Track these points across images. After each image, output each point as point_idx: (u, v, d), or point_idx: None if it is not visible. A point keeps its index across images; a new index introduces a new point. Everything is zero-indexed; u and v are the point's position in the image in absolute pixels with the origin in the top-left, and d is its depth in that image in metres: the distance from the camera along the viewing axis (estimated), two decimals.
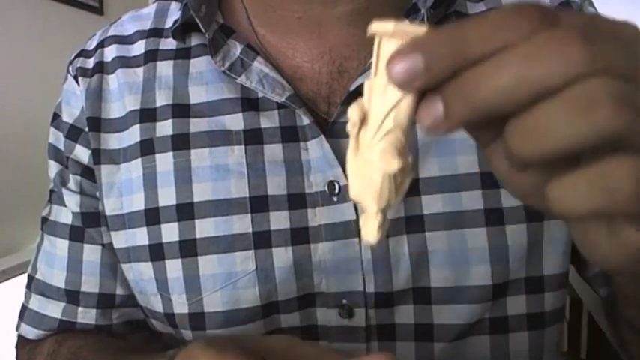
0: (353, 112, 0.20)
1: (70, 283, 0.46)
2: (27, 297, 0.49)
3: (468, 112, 0.17)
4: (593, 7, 0.46)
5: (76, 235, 0.46)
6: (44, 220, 0.49)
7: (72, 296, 0.46)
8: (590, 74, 0.16)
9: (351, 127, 0.20)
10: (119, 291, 0.46)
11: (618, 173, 0.17)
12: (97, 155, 0.44)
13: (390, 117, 0.19)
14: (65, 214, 0.47)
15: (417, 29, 0.19)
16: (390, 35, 0.19)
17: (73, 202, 0.46)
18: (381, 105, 0.20)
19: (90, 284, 0.46)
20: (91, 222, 0.45)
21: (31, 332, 0.48)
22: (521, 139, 0.17)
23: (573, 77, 0.16)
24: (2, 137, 1.37)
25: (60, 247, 0.47)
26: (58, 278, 0.47)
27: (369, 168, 0.20)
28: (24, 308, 0.49)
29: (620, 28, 0.18)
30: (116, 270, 0.46)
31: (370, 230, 0.21)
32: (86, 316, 0.46)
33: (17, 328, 0.49)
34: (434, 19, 0.41)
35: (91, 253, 0.46)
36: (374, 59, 0.20)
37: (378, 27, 0.19)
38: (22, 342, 0.50)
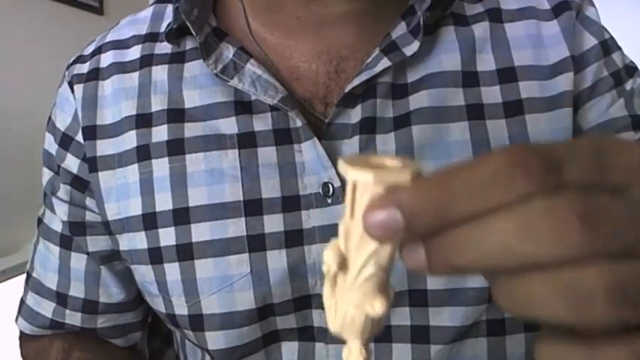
0: (329, 257, 0.19)
1: (61, 286, 0.48)
2: (25, 292, 0.51)
3: (450, 270, 0.17)
4: (593, 5, 0.45)
5: (64, 242, 0.48)
6: (39, 221, 0.50)
7: (61, 298, 0.48)
8: (587, 257, 0.15)
9: (326, 271, 0.19)
10: (102, 299, 0.48)
11: None
12: (94, 163, 0.44)
13: (371, 262, 0.18)
14: (56, 221, 0.48)
15: (399, 176, 0.17)
16: (367, 185, 0.17)
17: (61, 211, 0.47)
18: (360, 251, 0.18)
19: (77, 289, 0.48)
20: (78, 231, 0.47)
21: (27, 327, 0.50)
22: (508, 302, 0.17)
23: (567, 259, 0.15)
24: (2, 137, 1.37)
25: (52, 251, 0.48)
26: (50, 280, 0.48)
27: (350, 307, 0.19)
28: (22, 302, 0.51)
29: (634, 166, 0.16)
30: (99, 279, 0.48)
31: None
32: (72, 318, 0.48)
33: (16, 321, 0.52)
34: (430, 21, 0.41)
35: (77, 261, 0.48)
36: (348, 199, 0.18)
37: (354, 175, 0.18)
38: (22, 337, 0.52)
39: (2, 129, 1.37)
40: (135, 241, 0.43)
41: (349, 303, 0.19)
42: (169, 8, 0.48)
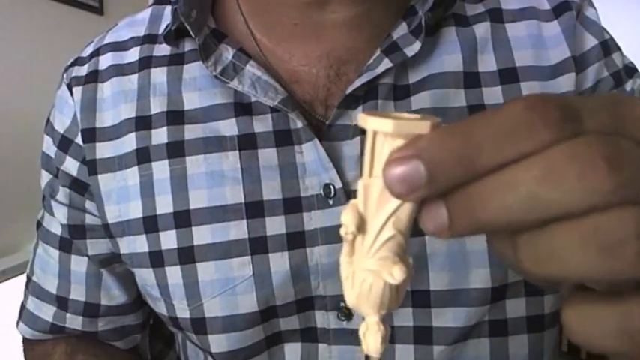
0: (347, 218, 0.18)
1: (61, 290, 0.48)
2: (25, 296, 0.51)
3: (474, 227, 0.16)
4: (593, 6, 0.45)
5: (64, 245, 0.48)
6: (39, 224, 0.50)
7: (61, 302, 0.48)
8: (615, 204, 0.15)
9: (344, 234, 0.19)
10: (103, 301, 0.48)
11: None
12: (94, 166, 0.44)
13: (390, 223, 0.18)
14: (55, 224, 0.48)
15: (418, 127, 0.16)
16: (387, 134, 0.17)
17: (61, 214, 0.47)
18: (379, 210, 0.18)
19: (77, 292, 0.48)
20: (77, 234, 0.46)
21: (28, 332, 0.50)
22: (532, 260, 0.16)
23: (595, 206, 0.15)
24: (2, 137, 1.37)
25: (52, 255, 0.48)
26: (50, 284, 0.48)
27: (368, 276, 0.19)
28: (22, 307, 0.51)
29: None
30: (100, 281, 0.48)
31: (372, 343, 0.19)
32: (74, 322, 0.48)
33: (17, 325, 0.52)
34: (431, 22, 0.40)
35: (78, 264, 0.48)
36: (367, 156, 0.18)
37: (373, 124, 0.17)
38: (25, 341, 0.52)
39: (2, 129, 1.37)
40: (135, 244, 0.43)
41: (367, 270, 0.18)
42: (167, 10, 0.48)
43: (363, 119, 0.17)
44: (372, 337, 0.19)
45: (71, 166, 0.45)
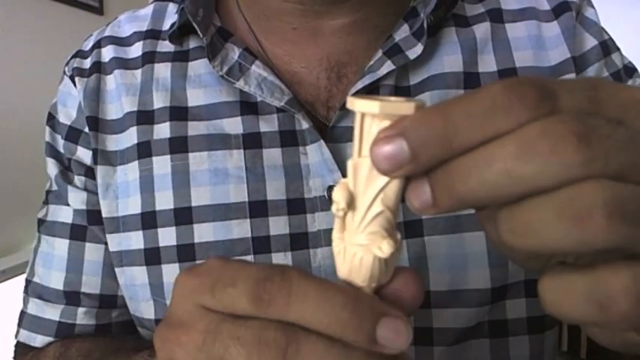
0: (338, 195, 0.19)
1: (69, 285, 0.45)
2: (25, 302, 0.48)
3: (456, 202, 0.17)
4: (592, 6, 0.46)
5: (77, 233, 0.45)
6: (41, 221, 0.48)
7: (71, 298, 0.45)
8: (586, 177, 0.15)
9: (335, 211, 0.20)
10: (120, 292, 0.45)
11: (614, 287, 0.16)
12: (96, 155, 0.44)
13: (378, 200, 0.19)
14: (65, 212, 0.46)
15: (403, 108, 0.17)
16: (374, 115, 0.18)
17: (78, 199, 0.45)
18: (368, 187, 0.19)
19: (91, 285, 0.45)
20: (96, 219, 0.45)
21: (30, 338, 0.47)
22: (511, 233, 0.17)
23: (567, 179, 0.15)
24: (2, 137, 1.37)
25: (59, 247, 0.46)
26: (56, 280, 0.46)
27: (358, 251, 0.20)
28: (22, 314, 0.48)
29: (629, 102, 0.17)
30: None
31: None
32: (85, 317, 0.46)
33: (16, 335, 0.48)
34: (432, 23, 0.40)
35: (94, 252, 0.45)
36: (356, 137, 0.19)
37: (361, 106, 0.18)
38: (21, 350, 0.48)
39: (2, 129, 1.37)
40: (130, 240, 0.42)
41: (357, 245, 0.20)
42: (170, 7, 0.48)
43: (351, 102, 0.18)
44: None
45: (84, 155, 0.45)
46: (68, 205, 0.46)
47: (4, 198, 1.36)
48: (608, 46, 0.44)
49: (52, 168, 0.47)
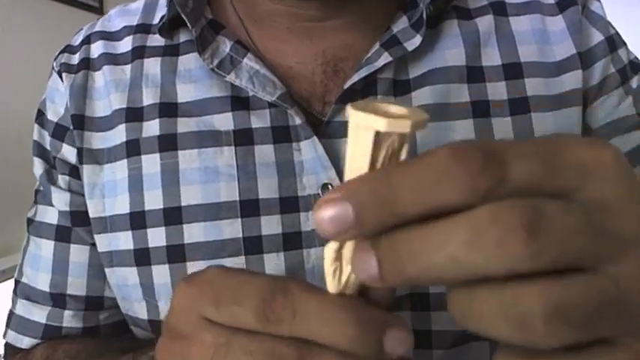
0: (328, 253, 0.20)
1: (55, 287, 0.44)
2: (13, 302, 0.47)
3: (403, 281, 0.17)
4: (598, 0, 0.44)
5: (61, 235, 0.44)
6: (30, 221, 0.47)
7: (57, 300, 0.44)
8: (533, 270, 0.15)
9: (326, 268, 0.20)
10: (108, 293, 0.44)
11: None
12: (81, 154, 0.43)
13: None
14: (51, 213, 0.45)
15: (401, 125, 0.17)
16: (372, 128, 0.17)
17: (62, 200, 0.44)
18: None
19: (76, 287, 0.44)
20: (80, 221, 0.44)
21: (17, 339, 0.46)
22: (459, 314, 0.17)
23: (514, 271, 0.15)
24: (2, 137, 1.36)
25: (45, 248, 0.45)
26: (43, 281, 0.45)
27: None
28: (10, 314, 0.47)
29: (591, 165, 0.16)
30: (104, 272, 0.44)
31: None
32: (72, 319, 0.45)
33: (4, 336, 0.47)
34: (432, 14, 0.39)
35: (78, 254, 0.44)
36: (353, 148, 0.18)
37: (360, 118, 0.17)
38: (10, 351, 0.47)
39: (2, 129, 1.37)
40: (119, 241, 0.41)
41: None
42: (162, 0, 0.47)
43: (351, 112, 0.18)
44: None
45: (68, 153, 0.44)
46: (53, 205, 0.45)
47: (3, 198, 1.36)
48: (614, 41, 0.43)
49: (37, 167, 0.46)
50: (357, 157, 0.18)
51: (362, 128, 0.17)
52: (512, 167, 0.15)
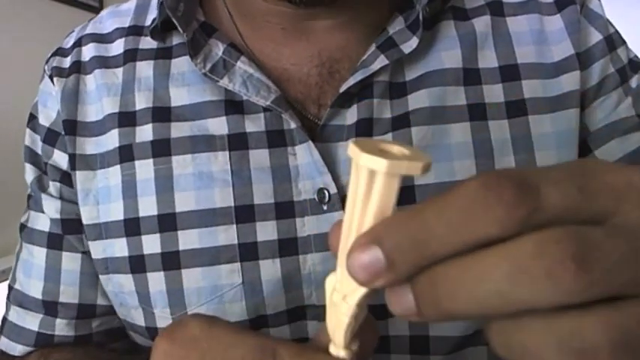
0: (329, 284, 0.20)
1: (48, 294, 0.44)
2: (7, 309, 0.47)
3: (442, 316, 0.16)
4: None
5: (53, 242, 0.44)
6: (22, 227, 0.47)
7: (49, 308, 0.44)
8: (584, 302, 0.14)
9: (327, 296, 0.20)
10: (100, 301, 0.44)
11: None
12: (73, 160, 0.42)
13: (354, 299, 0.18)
14: (43, 220, 0.45)
15: (411, 168, 0.16)
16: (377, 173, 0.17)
17: (52, 208, 0.44)
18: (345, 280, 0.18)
19: (68, 295, 0.44)
20: (72, 229, 0.43)
21: (10, 346, 0.45)
22: (505, 348, 0.16)
23: (564, 304, 0.14)
24: (2, 137, 1.36)
25: (37, 255, 0.44)
26: (35, 289, 0.44)
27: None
28: (4, 321, 0.47)
29: (625, 190, 0.15)
30: (97, 279, 0.43)
31: None
32: (64, 328, 0.44)
33: None
34: (429, 15, 0.39)
35: (70, 262, 0.44)
36: (356, 190, 0.17)
37: (368, 161, 0.16)
38: (3, 358, 0.47)
39: (2, 129, 1.37)
40: (114, 248, 0.40)
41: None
42: (154, 0, 0.46)
43: (355, 153, 0.17)
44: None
45: (60, 159, 0.43)
46: (44, 212, 0.44)
47: (3, 198, 1.36)
48: (613, 40, 0.42)
49: (29, 174, 0.46)
50: (372, 202, 0.17)
51: (382, 175, 0.16)
52: (547, 195, 0.15)
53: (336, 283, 0.19)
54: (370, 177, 0.17)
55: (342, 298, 0.19)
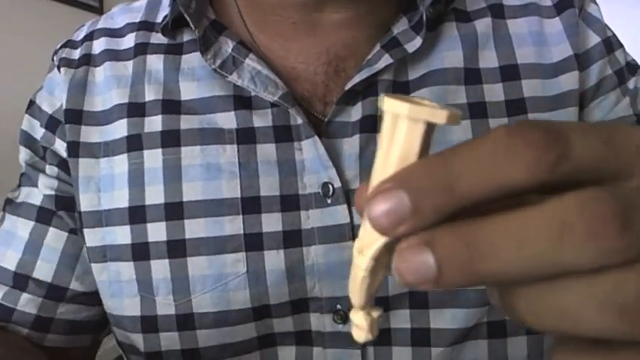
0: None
1: (22, 267, 0.43)
2: None
3: (469, 279, 0.15)
4: (595, 2, 0.45)
5: (43, 217, 0.44)
6: (9, 201, 0.46)
7: (19, 281, 0.43)
8: (626, 261, 0.14)
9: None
10: (73, 286, 0.43)
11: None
12: (75, 148, 0.43)
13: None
14: (36, 195, 0.45)
15: (436, 115, 0.16)
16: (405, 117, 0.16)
17: (48, 185, 0.44)
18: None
19: (43, 271, 0.43)
20: (64, 205, 0.43)
21: None
22: (537, 315, 0.15)
23: (607, 264, 0.14)
24: (2, 137, 1.36)
25: (21, 227, 0.44)
26: (9, 260, 0.43)
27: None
28: None
29: None
30: (76, 263, 0.43)
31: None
32: (28, 304, 0.43)
33: None
34: (432, 16, 0.40)
35: (54, 239, 0.43)
36: (383, 137, 0.17)
37: (392, 106, 0.16)
38: None
39: (2, 129, 1.37)
40: (115, 235, 0.41)
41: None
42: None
43: (382, 100, 0.17)
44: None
45: (60, 146, 0.44)
46: (37, 187, 0.45)
47: (3, 198, 1.36)
48: (611, 43, 0.44)
49: (24, 156, 0.46)
50: (395, 149, 0.16)
51: (405, 119, 0.16)
52: (574, 143, 0.15)
53: (356, 241, 0.18)
54: (394, 122, 0.16)
55: (359, 252, 0.18)
